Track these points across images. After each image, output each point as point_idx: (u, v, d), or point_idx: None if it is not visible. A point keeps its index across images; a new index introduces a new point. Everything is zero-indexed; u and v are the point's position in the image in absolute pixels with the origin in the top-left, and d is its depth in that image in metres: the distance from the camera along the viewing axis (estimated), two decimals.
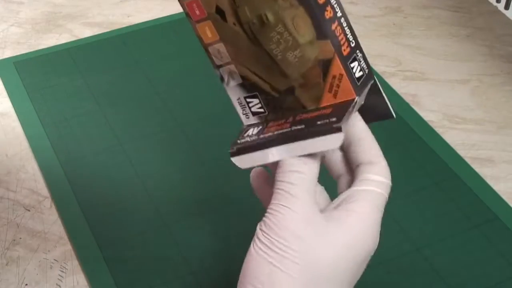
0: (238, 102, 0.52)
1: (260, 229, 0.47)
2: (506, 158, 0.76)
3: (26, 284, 0.64)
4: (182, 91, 0.82)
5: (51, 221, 0.69)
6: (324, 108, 0.49)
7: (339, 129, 0.46)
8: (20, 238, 0.68)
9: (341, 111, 0.48)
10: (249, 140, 0.50)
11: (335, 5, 0.48)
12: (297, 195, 0.47)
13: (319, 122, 0.48)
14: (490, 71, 0.86)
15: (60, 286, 0.64)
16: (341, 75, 0.48)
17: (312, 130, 0.48)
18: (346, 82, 0.48)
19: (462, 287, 0.64)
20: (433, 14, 0.93)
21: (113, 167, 0.73)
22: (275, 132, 0.49)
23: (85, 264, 0.65)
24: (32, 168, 0.74)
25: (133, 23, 0.92)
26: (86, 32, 0.90)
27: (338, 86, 0.49)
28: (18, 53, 0.87)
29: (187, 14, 0.51)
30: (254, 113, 0.52)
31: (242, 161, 0.51)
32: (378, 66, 0.86)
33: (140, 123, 0.78)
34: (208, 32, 0.50)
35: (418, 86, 0.83)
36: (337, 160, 0.52)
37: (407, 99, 0.82)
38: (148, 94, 0.81)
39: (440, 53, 0.88)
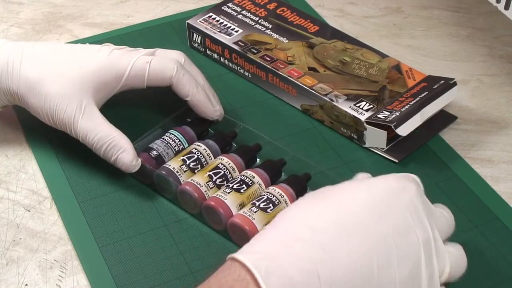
0: (351, 108, 0.74)
1: None
2: (506, 158, 0.76)
3: (26, 284, 0.64)
4: None
5: (51, 221, 0.69)
6: (415, 86, 0.77)
7: (455, 83, 0.76)
8: (20, 238, 0.68)
9: (434, 81, 0.77)
10: (396, 115, 0.72)
11: None
12: None
13: (438, 84, 0.76)
14: (490, 71, 0.85)
15: (60, 286, 0.64)
16: (410, 69, 0.79)
17: (437, 91, 0.75)
18: (416, 71, 0.79)
19: (462, 287, 0.64)
20: (433, 14, 0.93)
21: (113, 167, 0.73)
22: (410, 103, 0.73)
23: (85, 264, 0.65)
24: (32, 168, 0.74)
25: (133, 23, 0.92)
26: (86, 33, 0.90)
27: (412, 73, 0.78)
28: None
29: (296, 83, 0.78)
30: (365, 110, 0.74)
31: (404, 129, 0.71)
32: None
33: (140, 123, 0.78)
34: (308, 80, 0.77)
35: None
36: None
37: None
38: (148, 94, 0.81)
39: (440, 53, 0.88)
